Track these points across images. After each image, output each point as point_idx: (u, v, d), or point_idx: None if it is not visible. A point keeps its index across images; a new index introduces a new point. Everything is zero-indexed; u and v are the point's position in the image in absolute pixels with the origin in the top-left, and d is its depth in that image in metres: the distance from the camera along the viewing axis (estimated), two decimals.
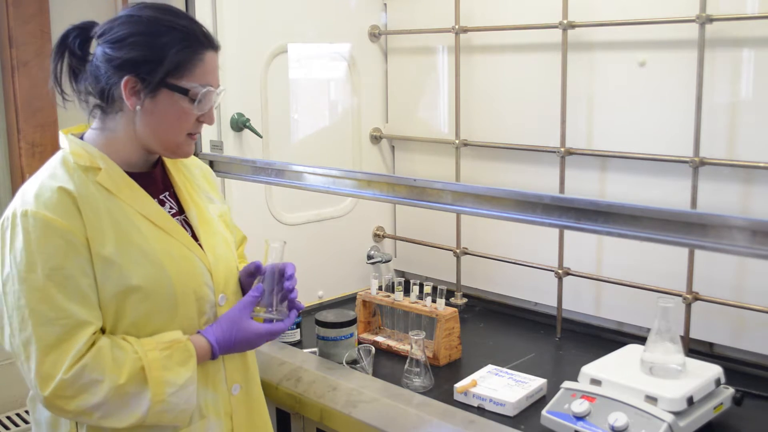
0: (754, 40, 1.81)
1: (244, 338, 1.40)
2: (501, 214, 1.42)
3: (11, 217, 1.28)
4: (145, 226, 1.35)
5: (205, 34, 1.36)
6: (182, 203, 1.47)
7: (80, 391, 1.24)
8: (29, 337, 1.24)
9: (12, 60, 2.08)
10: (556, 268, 2.18)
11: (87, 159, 1.34)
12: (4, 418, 2.07)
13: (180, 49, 1.31)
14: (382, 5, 2.58)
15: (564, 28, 2.05)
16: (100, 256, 1.28)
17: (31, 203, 1.27)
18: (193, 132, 1.39)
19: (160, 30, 1.32)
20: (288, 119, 2.37)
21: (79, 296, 1.26)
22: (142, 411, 1.27)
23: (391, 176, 2.28)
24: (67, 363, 1.23)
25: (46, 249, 1.25)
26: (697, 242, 1.16)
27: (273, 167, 1.87)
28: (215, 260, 1.43)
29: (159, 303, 1.33)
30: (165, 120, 1.34)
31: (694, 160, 1.84)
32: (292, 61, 2.34)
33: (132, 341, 1.30)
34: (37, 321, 1.24)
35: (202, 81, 1.34)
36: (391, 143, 2.69)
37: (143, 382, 1.27)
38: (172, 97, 1.33)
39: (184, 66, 1.32)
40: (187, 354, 1.33)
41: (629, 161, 2.02)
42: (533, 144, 2.21)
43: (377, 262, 2.65)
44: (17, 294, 1.25)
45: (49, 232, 1.25)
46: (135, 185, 1.37)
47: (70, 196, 1.29)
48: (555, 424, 1.57)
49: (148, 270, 1.32)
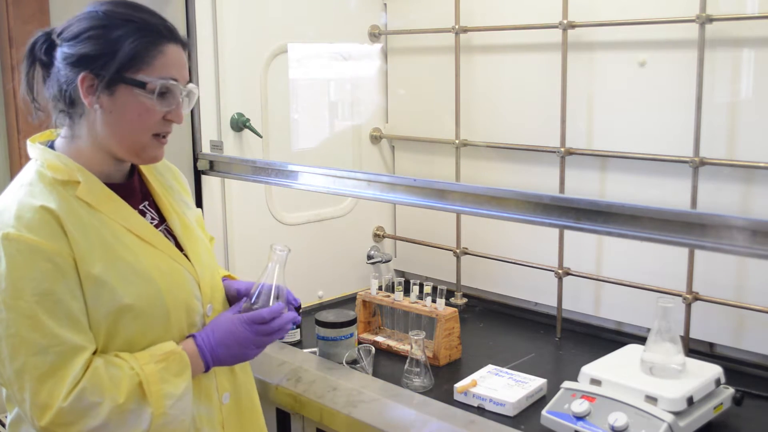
0: (754, 40, 1.81)
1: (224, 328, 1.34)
2: (501, 214, 1.42)
3: None
4: (131, 241, 1.29)
5: (168, 27, 1.29)
6: (163, 212, 1.41)
7: (80, 417, 1.18)
8: (22, 367, 1.18)
9: (12, 60, 2.07)
10: (556, 268, 2.18)
11: (64, 172, 1.27)
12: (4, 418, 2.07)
13: (135, 40, 1.24)
14: (382, 5, 2.58)
15: (564, 28, 2.05)
16: (89, 277, 1.22)
17: (12, 225, 1.19)
18: (160, 132, 1.31)
19: (115, 23, 1.25)
20: (288, 119, 2.37)
21: (70, 321, 1.21)
22: (143, 427, 1.22)
23: (391, 176, 2.28)
24: (65, 390, 1.18)
25: (32, 274, 1.18)
26: (697, 242, 1.16)
27: (273, 167, 1.87)
28: (201, 270, 1.39)
29: (151, 319, 1.28)
30: (125, 118, 1.27)
31: (694, 160, 1.84)
32: (292, 61, 2.34)
33: (126, 357, 1.25)
34: (29, 350, 1.17)
35: (162, 74, 1.26)
36: (391, 143, 2.69)
37: (143, 398, 1.23)
38: (131, 93, 1.25)
39: (141, 58, 1.25)
40: (183, 364, 1.29)
41: (629, 161, 2.02)
42: (533, 144, 2.21)
43: (377, 262, 2.65)
44: (5, 322, 1.18)
45: (34, 256, 1.18)
46: (116, 197, 1.31)
47: (52, 215, 1.21)
48: (555, 424, 1.56)
49: (139, 287, 1.27)
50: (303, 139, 2.44)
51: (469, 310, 2.43)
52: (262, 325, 1.37)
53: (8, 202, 1.24)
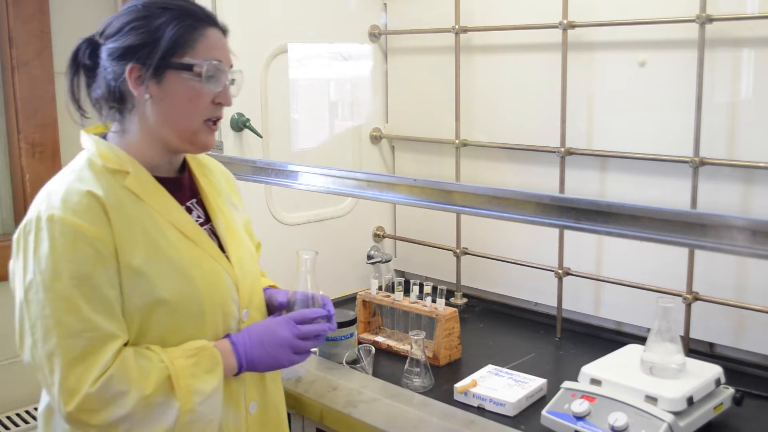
0: (754, 40, 1.81)
1: (263, 328, 1.34)
2: (501, 214, 1.42)
3: (35, 220, 1.21)
4: (174, 236, 1.29)
5: (205, 12, 1.32)
6: (209, 211, 1.41)
7: (106, 404, 1.18)
8: (54, 350, 1.18)
9: (12, 60, 2.07)
10: (556, 268, 2.18)
11: (115, 162, 1.28)
12: (4, 418, 2.07)
13: (176, 26, 1.26)
14: (382, 5, 2.58)
15: (564, 28, 2.05)
16: (128, 267, 1.22)
17: (58, 207, 1.20)
18: (211, 117, 1.31)
19: (155, 12, 1.27)
20: (288, 119, 2.37)
21: (105, 308, 1.20)
22: (169, 422, 1.21)
23: (391, 176, 2.28)
24: (93, 376, 1.17)
25: (73, 257, 1.18)
26: (697, 242, 1.16)
27: (273, 167, 1.87)
28: (242, 274, 1.38)
29: (186, 317, 1.28)
30: (176, 104, 1.28)
31: (694, 160, 1.84)
32: (292, 61, 2.34)
33: (157, 350, 1.24)
34: (62, 333, 1.17)
35: (206, 56, 1.28)
36: (391, 143, 2.69)
37: (170, 392, 1.21)
38: (179, 77, 1.27)
39: (184, 41, 1.26)
40: (214, 361, 1.27)
41: (629, 161, 2.02)
42: (533, 144, 2.21)
43: (377, 262, 2.65)
44: (41, 303, 1.18)
45: (77, 240, 1.19)
46: (164, 191, 1.31)
47: (98, 201, 1.22)
48: (555, 424, 1.56)
49: (177, 283, 1.26)
50: (303, 139, 2.44)
51: (469, 310, 2.43)
52: (302, 325, 1.37)
53: (57, 185, 1.25)
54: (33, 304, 1.19)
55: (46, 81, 2.13)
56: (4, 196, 2.19)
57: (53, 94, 2.14)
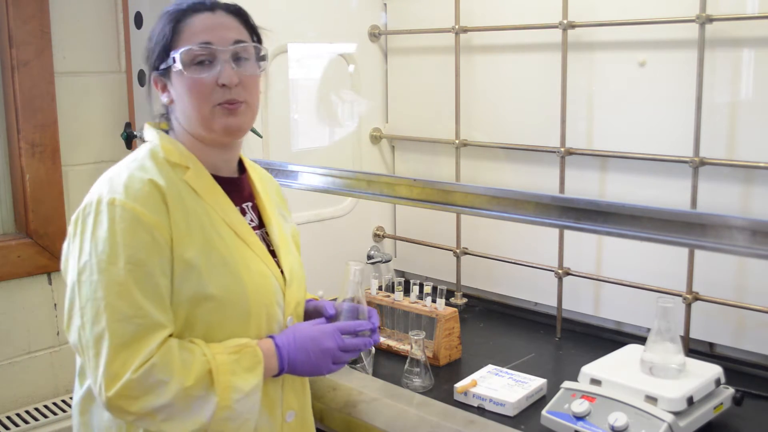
0: (754, 40, 1.81)
1: (308, 334, 1.32)
2: (501, 214, 1.42)
3: (95, 203, 1.22)
4: (227, 234, 1.30)
5: (195, 1, 1.32)
6: (263, 217, 1.42)
7: (146, 392, 1.17)
8: (102, 332, 1.17)
9: (12, 60, 2.07)
10: (556, 268, 2.18)
11: (177, 155, 1.31)
12: (4, 418, 2.07)
13: (162, 27, 1.31)
14: (382, 5, 2.58)
15: (564, 28, 2.05)
16: (181, 259, 1.23)
17: (120, 192, 1.22)
18: (221, 101, 1.29)
19: (157, 25, 1.34)
20: (288, 119, 2.37)
21: (156, 296, 1.21)
22: (206, 416, 1.21)
23: (391, 176, 2.28)
24: (137, 363, 1.17)
25: (131, 242, 1.19)
26: (697, 242, 1.16)
27: (273, 167, 1.87)
28: (290, 281, 1.39)
29: (231, 316, 1.28)
30: (183, 98, 1.30)
31: (694, 160, 1.84)
32: (292, 61, 2.34)
33: (200, 343, 1.24)
34: (112, 316, 1.17)
35: (190, 42, 1.28)
36: (391, 143, 2.69)
37: (210, 386, 1.21)
38: (180, 73, 1.29)
39: (170, 39, 1.30)
40: (256, 360, 1.27)
41: (629, 161, 2.02)
42: (533, 144, 2.21)
43: (377, 262, 2.65)
44: (94, 285, 1.19)
45: (136, 225, 1.20)
46: (220, 190, 1.33)
47: (159, 190, 1.24)
48: (555, 424, 1.56)
49: (226, 280, 1.27)
50: (303, 139, 2.44)
51: (469, 310, 2.43)
52: (348, 336, 1.36)
53: (119, 171, 1.27)
54: (85, 285, 1.19)
55: (46, 81, 2.13)
56: (4, 196, 2.19)
57: (53, 94, 2.14)
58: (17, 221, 2.19)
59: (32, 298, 2.16)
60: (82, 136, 2.23)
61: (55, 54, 2.14)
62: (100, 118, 2.26)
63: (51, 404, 2.16)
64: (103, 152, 2.28)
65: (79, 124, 2.22)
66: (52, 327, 2.20)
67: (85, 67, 2.21)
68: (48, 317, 2.19)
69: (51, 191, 2.16)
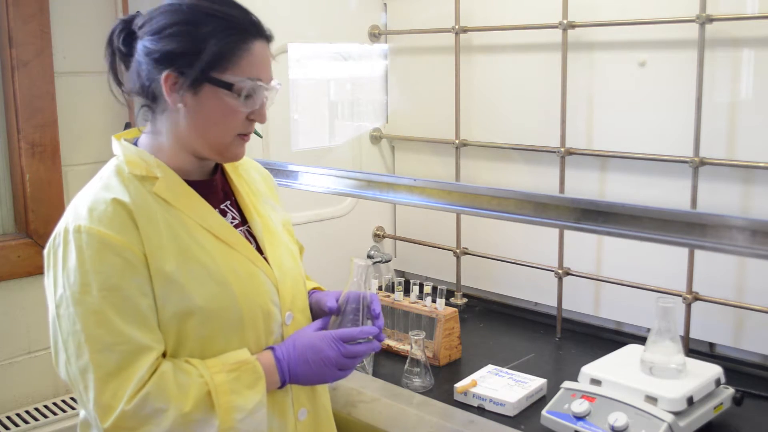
0: (754, 40, 1.81)
1: (307, 343, 1.28)
2: (501, 214, 1.42)
3: (63, 233, 1.17)
4: (207, 240, 1.23)
5: (253, 22, 1.25)
6: (245, 213, 1.36)
7: (143, 422, 1.12)
8: (86, 365, 1.13)
9: (12, 60, 2.07)
10: (556, 268, 2.18)
11: (142, 168, 1.24)
12: (4, 418, 2.07)
13: (222, 39, 1.19)
14: (382, 5, 2.58)
15: (564, 28, 2.05)
16: (160, 274, 1.17)
17: (84, 218, 1.16)
18: (244, 132, 1.26)
19: (201, 18, 1.20)
20: (288, 119, 2.37)
21: (138, 319, 1.15)
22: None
23: (391, 176, 2.27)
24: (129, 392, 1.12)
25: (101, 268, 1.14)
26: (697, 242, 1.16)
27: (273, 167, 1.87)
28: (282, 275, 1.32)
29: (224, 324, 1.22)
30: (210, 119, 1.22)
31: (694, 160, 1.84)
32: (292, 61, 2.34)
33: (196, 364, 1.19)
34: (94, 347, 1.13)
35: (248, 74, 1.22)
36: (391, 143, 2.69)
37: (210, 409, 1.16)
38: (216, 93, 1.20)
39: (227, 57, 1.20)
40: (256, 375, 1.21)
41: (629, 161, 2.02)
42: (533, 144, 2.21)
43: (377, 262, 2.65)
44: (72, 318, 1.14)
45: (104, 250, 1.14)
46: (194, 195, 1.27)
47: (125, 208, 1.18)
48: (555, 424, 1.56)
49: (211, 289, 1.21)
50: (303, 139, 2.44)
51: (469, 310, 2.43)
52: (349, 344, 1.31)
53: (83, 196, 1.21)
54: (64, 319, 1.15)
55: (46, 81, 2.12)
56: (4, 196, 2.19)
57: (53, 94, 2.14)
58: (17, 221, 2.19)
59: (32, 298, 2.16)
60: (82, 136, 2.22)
61: (55, 54, 2.14)
62: (100, 118, 2.25)
63: (51, 404, 2.16)
64: (103, 152, 2.27)
65: (79, 124, 2.21)
66: None
67: (85, 67, 2.21)
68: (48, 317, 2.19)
69: (51, 191, 2.16)
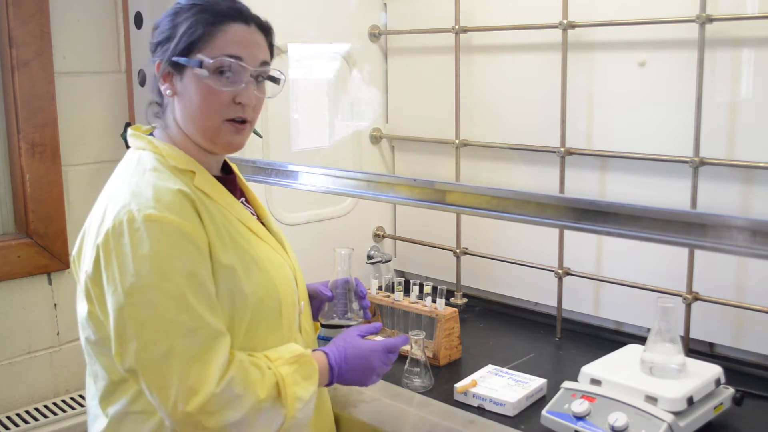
0: (754, 40, 1.81)
1: (358, 354, 1.38)
2: (501, 214, 1.42)
3: (127, 221, 1.17)
4: (245, 232, 1.30)
5: (234, 8, 1.29)
6: (258, 210, 1.44)
7: (224, 407, 1.16)
8: (169, 350, 1.14)
9: (12, 60, 2.07)
10: (556, 268, 2.18)
11: (183, 162, 1.28)
12: (4, 418, 2.07)
13: (194, 22, 1.25)
14: (382, 5, 2.58)
15: (564, 28, 2.05)
16: (219, 264, 1.22)
17: (153, 207, 1.17)
18: (232, 117, 1.28)
19: (184, 9, 1.27)
20: (288, 119, 2.37)
21: (211, 305, 1.20)
22: (274, 429, 1.22)
23: (391, 176, 2.27)
24: (215, 376, 1.15)
25: (179, 255, 1.17)
26: (697, 242, 1.16)
27: (273, 167, 1.87)
28: (296, 267, 1.42)
29: (267, 313, 1.29)
30: (192, 101, 1.26)
31: (694, 160, 1.84)
32: (292, 61, 2.34)
33: (259, 356, 1.24)
34: (177, 332, 1.15)
35: (223, 52, 1.25)
36: (391, 143, 2.69)
37: (277, 398, 1.22)
38: (196, 76, 1.25)
39: (199, 37, 1.25)
40: (312, 368, 1.28)
41: (629, 161, 2.02)
42: (533, 144, 2.21)
43: (377, 262, 2.65)
44: (151, 304, 1.15)
45: (180, 237, 1.17)
46: (224, 189, 1.32)
47: (188, 198, 1.22)
48: (555, 424, 1.56)
49: (259, 278, 1.27)
50: (303, 139, 2.44)
51: (469, 310, 2.43)
52: (391, 354, 1.45)
53: (139, 185, 1.22)
54: (139, 307, 1.15)
55: (46, 81, 2.12)
56: (4, 196, 2.19)
57: (53, 94, 2.14)
58: (17, 221, 2.19)
59: (32, 298, 2.16)
60: (82, 136, 2.23)
61: (55, 54, 2.14)
62: (100, 118, 2.26)
63: (51, 404, 2.16)
64: (103, 152, 2.28)
65: (79, 124, 2.22)
66: (52, 327, 2.20)
67: (85, 67, 2.21)
68: (48, 317, 2.19)
69: (51, 191, 2.16)
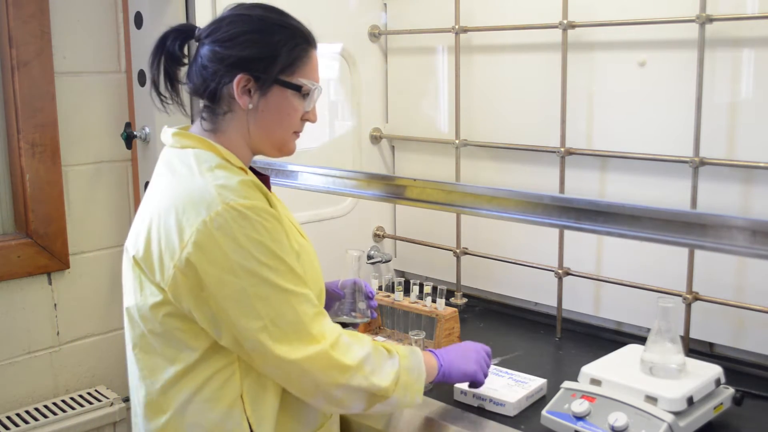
0: (754, 40, 1.81)
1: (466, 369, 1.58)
2: (501, 214, 1.42)
3: (227, 211, 1.25)
4: (293, 228, 1.41)
5: (311, 33, 1.43)
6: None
7: (351, 345, 1.32)
8: (295, 318, 1.27)
9: (12, 60, 2.07)
10: (556, 268, 2.18)
11: (236, 160, 1.37)
12: (4, 418, 2.07)
13: (292, 47, 1.36)
14: (382, 5, 2.58)
15: (564, 28, 2.05)
16: (293, 249, 1.34)
17: (246, 197, 1.27)
18: (298, 130, 1.44)
19: (272, 28, 1.36)
20: None
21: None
22: (395, 366, 1.37)
23: (391, 176, 2.28)
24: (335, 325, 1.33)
25: (282, 239, 1.29)
26: (697, 242, 1.16)
27: (273, 167, 1.87)
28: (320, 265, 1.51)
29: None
30: (275, 118, 1.38)
31: (694, 160, 1.84)
32: None
33: None
34: (299, 299, 1.28)
35: (311, 77, 1.40)
36: (391, 143, 2.69)
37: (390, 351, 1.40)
38: (284, 94, 1.37)
39: (296, 63, 1.37)
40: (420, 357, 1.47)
41: (629, 161, 2.02)
42: (533, 144, 2.21)
43: (377, 262, 2.65)
44: (270, 284, 1.26)
45: (275, 222, 1.28)
46: (266, 189, 1.39)
47: (263, 192, 1.33)
48: (555, 424, 1.56)
49: (313, 273, 1.39)
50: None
51: (469, 310, 2.43)
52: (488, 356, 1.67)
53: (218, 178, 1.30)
54: (262, 287, 1.25)
55: (46, 81, 2.12)
56: (4, 196, 2.19)
57: (53, 94, 2.14)
58: (17, 221, 2.19)
59: (32, 298, 2.16)
60: (82, 136, 2.22)
61: (55, 54, 2.14)
62: (100, 118, 2.25)
63: (51, 404, 2.16)
64: (103, 152, 2.28)
65: (79, 124, 2.21)
66: (52, 327, 2.20)
67: (85, 67, 2.21)
68: (48, 317, 2.19)
69: (51, 191, 2.16)
